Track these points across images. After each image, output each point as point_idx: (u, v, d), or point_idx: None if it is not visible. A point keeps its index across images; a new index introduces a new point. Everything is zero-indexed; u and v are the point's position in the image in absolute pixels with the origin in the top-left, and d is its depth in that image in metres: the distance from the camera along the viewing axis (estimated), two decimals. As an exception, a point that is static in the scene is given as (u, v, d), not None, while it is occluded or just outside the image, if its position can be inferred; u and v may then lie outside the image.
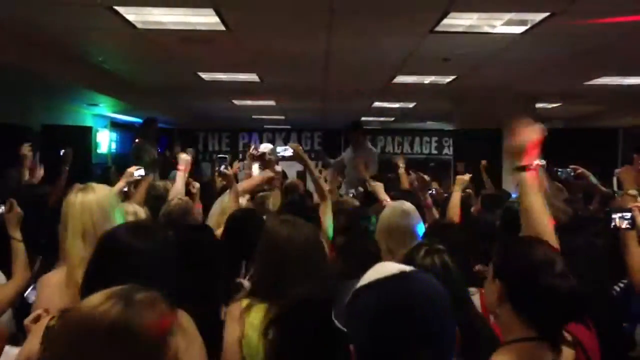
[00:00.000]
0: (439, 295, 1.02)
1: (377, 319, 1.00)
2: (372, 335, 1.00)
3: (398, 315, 0.98)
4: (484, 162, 6.58)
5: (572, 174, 3.47)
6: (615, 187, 4.02)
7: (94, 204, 2.16)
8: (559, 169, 3.54)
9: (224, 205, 3.67)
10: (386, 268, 1.07)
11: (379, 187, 4.36)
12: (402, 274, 1.03)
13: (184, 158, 3.91)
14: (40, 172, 4.69)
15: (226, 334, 1.86)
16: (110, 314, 1.13)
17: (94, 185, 2.29)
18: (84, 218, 2.11)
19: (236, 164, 6.05)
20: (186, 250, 2.40)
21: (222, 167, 4.14)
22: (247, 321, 1.83)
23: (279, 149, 3.86)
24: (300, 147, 3.68)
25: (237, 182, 4.10)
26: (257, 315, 1.82)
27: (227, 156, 4.65)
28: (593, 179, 3.46)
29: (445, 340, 1.00)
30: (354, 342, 1.04)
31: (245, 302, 1.89)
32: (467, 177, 4.31)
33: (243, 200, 3.77)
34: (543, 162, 3.60)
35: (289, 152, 3.69)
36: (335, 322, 1.16)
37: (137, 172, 3.55)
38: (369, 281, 1.04)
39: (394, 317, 0.99)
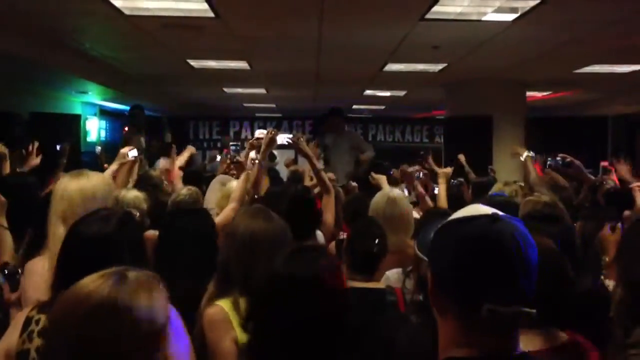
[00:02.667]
0: (527, 241, 1.03)
1: (461, 248, 1.03)
2: (453, 263, 1.03)
3: (483, 247, 1.01)
4: (460, 156, 6.60)
5: (561, 162, 3.48)
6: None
7: (77, 191, 2.16)
8: (549, 158, 3.55)
9: (226, 190, 3.65)
10: (479, 208, 1.10)
11: (382, 180, 4.39)
12: (495, 215, 1.05)
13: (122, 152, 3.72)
14: (36, 160, 4.62)
15: (218, 340, 1.80)
16: (100, 291, 1.12)
17: (85, 171, 2.30)
18: (63, 204, 2.11)
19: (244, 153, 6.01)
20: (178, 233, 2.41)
21: (235, 153, 4.11)
22: (234, 322, 1.81)
23: (279, 137, 3.76)
24: (302, 138, 3.57)
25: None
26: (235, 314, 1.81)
27: (238, 143, 4.65)
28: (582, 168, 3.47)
29: (526, 284, 1.02)
30: (435, 269, 1.08)
31: (222, 303, 1.87)
32: (449, 170, 4.55)
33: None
34: (532, 153, 3.66)
35: (284, 139, 3.60)
36: (419, 253, 1.19)
37: (131, 153, 3.51)
38: (461, 215, 1.08)
39: (479, 249, 1.01)
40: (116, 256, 1.54)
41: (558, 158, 3.50)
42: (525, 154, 3.73)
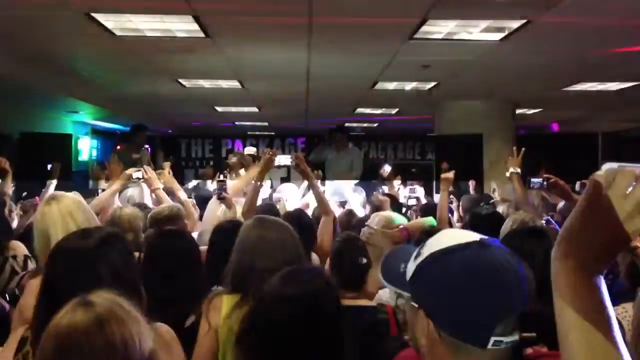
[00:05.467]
0: (519, 264, 1.00)
1: (460, 281, 0.98)
2: (451, 299, 0.98)
3: (484, 277, 0.97)
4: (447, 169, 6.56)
5: (545, 183, 3.44)
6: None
7: (76, 208, 2.20)
8: (531, 178, 3.52)
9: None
10: (462, 234, 1.05)
11: (386, 202, 4.33)
12: (482, 241, 1.01)
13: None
14: None
15: (200, 326, 1.94)
16: (79, 322, 1.12)
17: (63, 193, 2.34)
18: (67, 225, 2.11)
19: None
20: (160, 256, 2.40)
21: (220, 190, 4.09)
22: (221, 312, 1.91)
23: (280, 157, 3.68)
24: (302, 157, 3.49)
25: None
26: (228, 305, 1.91)
27: (225, 179, 4.65)
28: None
29: (523, 308, 0.99)
30: (426, 305, 1.02)
31: (220, 296, 1.96)
32: (451, 175, 4.16)
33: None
34: (518, 170, 3.65)
35: (287, 160, 3.54)
36: (386, 284, 1.12)
37: (136, 174, 3.49)
38: (446, 246, 1.02)
39: (480, 279, 0.97)
40: (95, 273, 1.52)
41: (541, 179, 3.46)
42: (511, 170, 3.66)
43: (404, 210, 5.25)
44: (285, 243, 2.00)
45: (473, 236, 1.04)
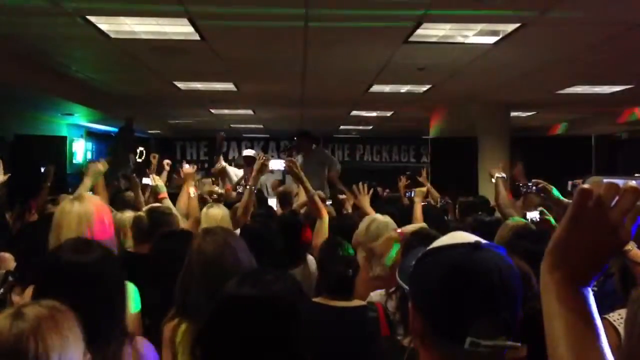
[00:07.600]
0: (510, 270, 1.01)
1: (442, 277, 1.00)
2: (434, 294, 1.01)
3: (464, 277, 0.99)
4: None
5: (534, 187, 3.45)
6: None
7: (92, 213, 2.15)
8: (520, 183, 3.55)
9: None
10: (461, 235, 1.08)
11: (364, 201, 4.34)
12: (477, 242, 1.03)
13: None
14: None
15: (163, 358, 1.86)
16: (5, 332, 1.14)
17: (87, 195, 2.30)
18: (81, 228, 2.08)
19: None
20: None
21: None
22: (176, 342, 1.83)
23: (273, 162, 3.71)
24: (295, 162, 3.50)
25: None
26: (182, 335, 1.82)
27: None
28: (555, 192, 3.43)
29: (509, 315, 1.00)
30: (416, 298, 1.05)
31: (174, 322, 1.88)
32: (424, 188, 4.64)
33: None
34: (503, 174, 3.69)
35: (280, 165, 3.56)
36: (399, 281, 1.14)
37: (145, 180, 3.50)
38: (442, 244, 1.06)
39: (460, 279, 0.99)
40: (90, 286, 1.53)
41: (530, 183, 3.48)
42: (497, 175, 3.74)
43: None
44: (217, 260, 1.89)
45: (473, 238, 1.06)
